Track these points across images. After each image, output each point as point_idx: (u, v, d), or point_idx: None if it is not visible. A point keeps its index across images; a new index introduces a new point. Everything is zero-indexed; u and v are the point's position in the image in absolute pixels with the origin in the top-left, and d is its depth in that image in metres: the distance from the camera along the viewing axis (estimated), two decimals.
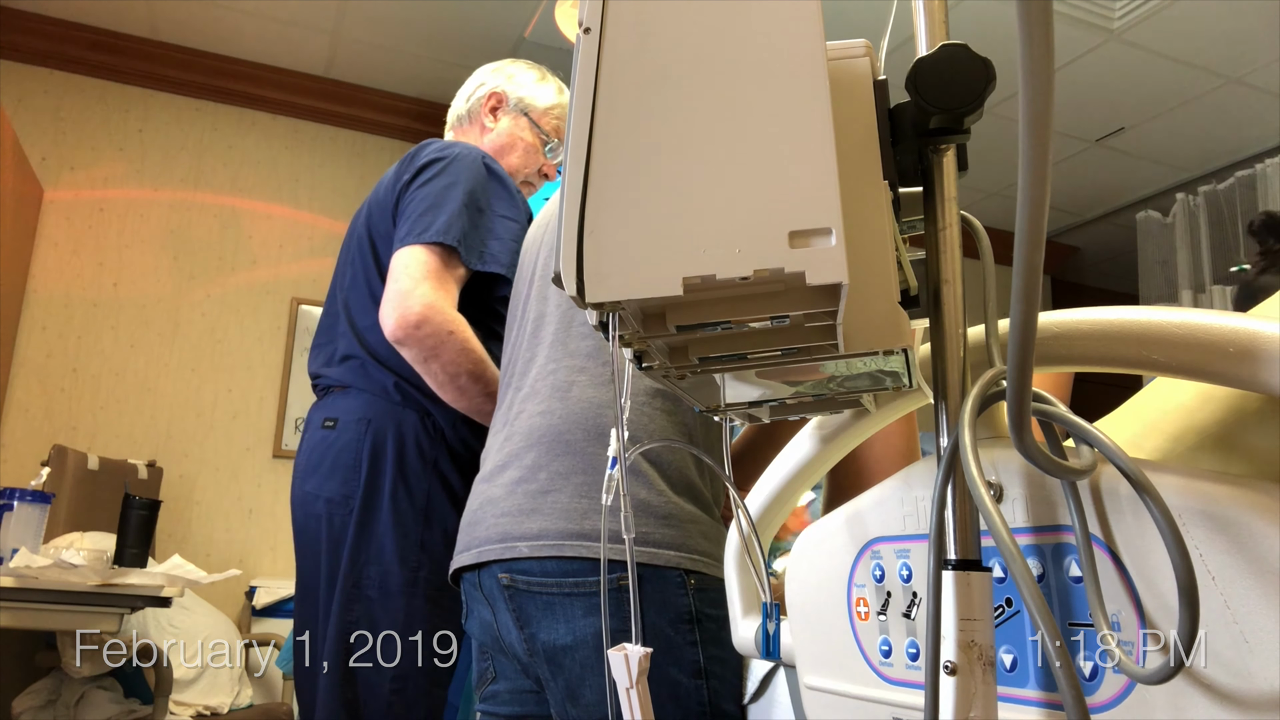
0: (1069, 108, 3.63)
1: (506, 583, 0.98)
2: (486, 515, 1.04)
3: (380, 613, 1.34)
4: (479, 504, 1.07)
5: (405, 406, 1.40)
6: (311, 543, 1.41)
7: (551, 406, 1.03)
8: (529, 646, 0.98)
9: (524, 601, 0.97)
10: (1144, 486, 0.47)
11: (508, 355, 1.18)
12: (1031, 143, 0.39)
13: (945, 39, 0.53)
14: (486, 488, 1.07)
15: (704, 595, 0.95)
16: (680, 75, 0.46)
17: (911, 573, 0.62)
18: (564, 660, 0.95)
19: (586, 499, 0.96)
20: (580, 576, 0.94)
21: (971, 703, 0.48)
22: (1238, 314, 0.48)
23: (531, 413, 1.05)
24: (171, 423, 3.34)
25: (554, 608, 0.95)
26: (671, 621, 0.94)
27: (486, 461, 1.11)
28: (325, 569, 1.39)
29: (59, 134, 3.35)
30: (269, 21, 3.30)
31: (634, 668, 0.54)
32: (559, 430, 1.01)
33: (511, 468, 1.04)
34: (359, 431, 1.39)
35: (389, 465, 1.37)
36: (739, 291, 0.46)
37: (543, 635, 0.96)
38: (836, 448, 0.75)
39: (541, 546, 0.95)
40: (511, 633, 1.00)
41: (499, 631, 1.03)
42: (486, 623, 1.05)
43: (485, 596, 1.04)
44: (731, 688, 0.97)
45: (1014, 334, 0.45)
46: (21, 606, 1.82)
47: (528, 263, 1.22)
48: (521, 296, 1.19)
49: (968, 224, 0.61)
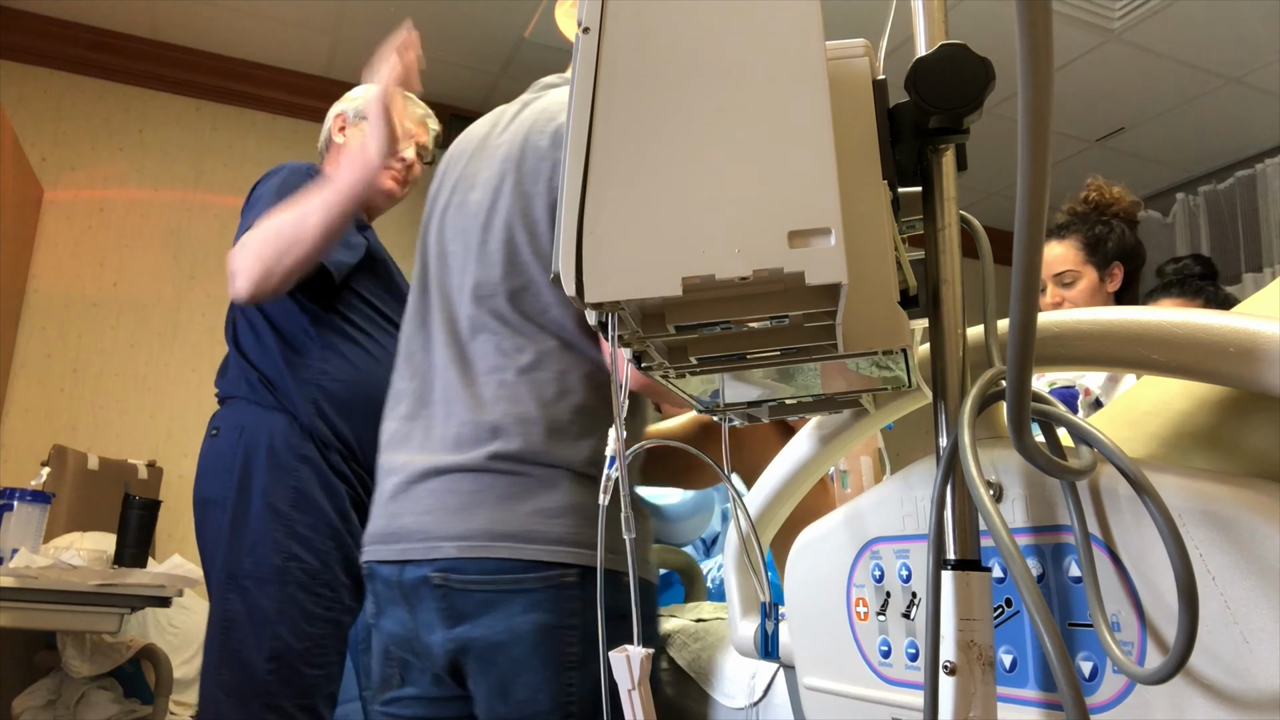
0: (1069, 108, 3.63)
1: (438, 581, 0.97)
2: (406, 510, 1.01)
3: (255, 599, 1.43)
4: (399, 497, 1.04)
5: (274, 410, 1.52)
6: (204, 542, 1.52)
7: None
8: (455, 645, 0.96)
9: (457, 599, 0.96)
10: (1143, 486, 0.47)
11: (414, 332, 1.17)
12: (1031, 143, 0.39)
13: (945, 39, 0.53)
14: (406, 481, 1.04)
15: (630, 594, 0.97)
16: (679, 75, 0.46)
17: (911, 573, 0.62)
18: (497, 656, 0.94)
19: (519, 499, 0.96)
20: (518, 574, 0.94)
21: (971, 703, 0.48)
22: (1237, 314, 0.48)
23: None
24: (171, 423, 3.34)
25: (492, 605, 0.95)
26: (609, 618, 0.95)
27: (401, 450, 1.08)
28: (207, 565, 1.50)
29: (59, 134, 3.35)
30: (269, 21, 3.30)
31: (636, 669, 0.54)
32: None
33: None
34: (235, 437, 1.51)
35: (260, 464, 1.48)
36: (738, 291, 0.46)
37: (476, 632, 0.95)
38: (836, 448, 0.75)
39: (472, 547, 0.95)
40: (434, 632, 0.98)
41: (417, 631, 1.00)
42: (401, 621, 1.02)
43: (404, 595, 1.01)
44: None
45: (1013, 334, 0.45)
46: (21, 606, 1.82)
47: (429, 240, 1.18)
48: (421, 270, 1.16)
49: (967, 224, 0.61)
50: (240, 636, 1.42)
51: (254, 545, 1.44)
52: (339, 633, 1.50)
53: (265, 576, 1.44)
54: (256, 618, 1.42)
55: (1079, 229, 2.01)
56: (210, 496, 1.50)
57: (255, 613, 1.43)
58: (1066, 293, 2.01)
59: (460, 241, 1.10)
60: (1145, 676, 0.47)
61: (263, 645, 1.42)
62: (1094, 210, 2.02)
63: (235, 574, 1.44)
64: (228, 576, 1.44)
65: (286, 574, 1.44)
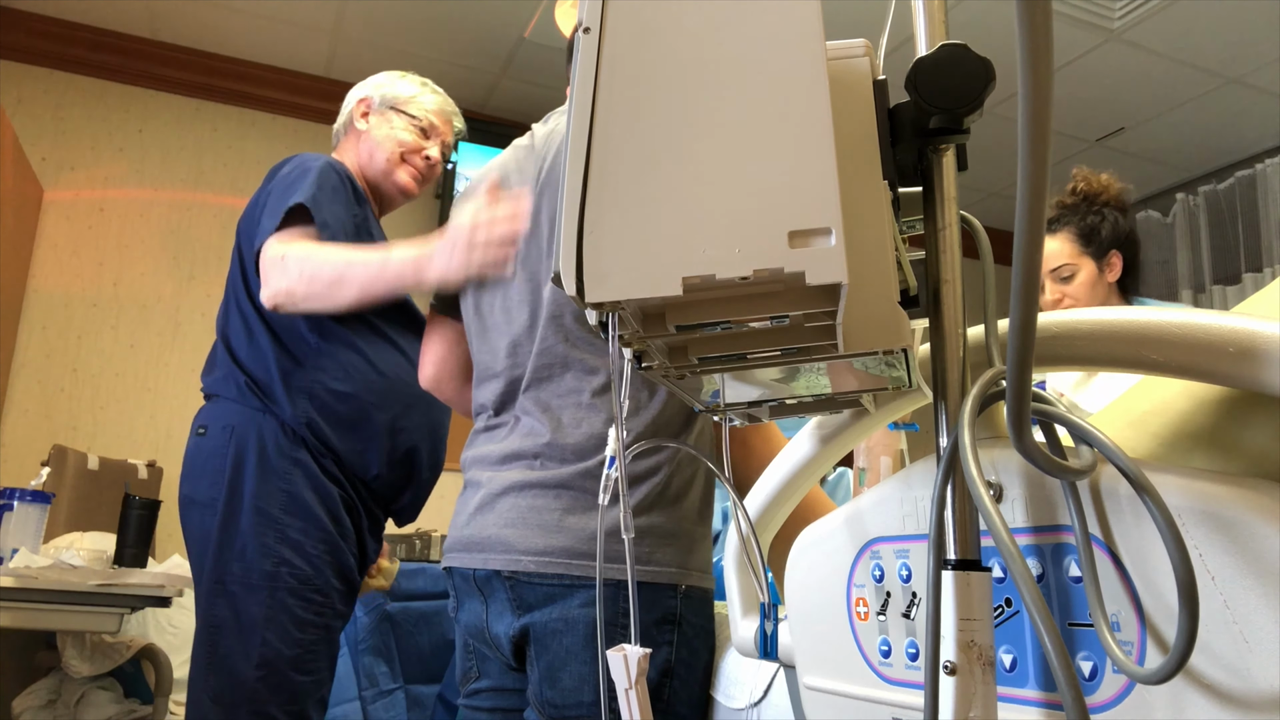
0: (1069, 108, 3.63)
1: (508, 574, 1.03)
2: (489, 521, 1.07)
3: (243, 605, 1.41)
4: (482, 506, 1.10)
5: (265, 412, 1.48)
6: (191, 544, 1.48)
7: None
8: (518, 633, 1.03)
9: (524, 591, 1.02)
10: (1144, 486, 0.47)
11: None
12: (1031, 143, 0.39)
13: (945, 39, 0.53)
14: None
15: (689, 602, 1.03)
16: (680, 75, 0.46)
17: (911, 573, 0.62)
18: (551, 643, 1.00)
19: (582, 514, 1.03)
20: (581, 573, 1.00)
21: (971, 703, 0.48)
22: (1237, 314, 0.48)
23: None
24: (171, 423, 3.34)
25: (554, 597, 1.00)
26: (656, 621, 1.00)
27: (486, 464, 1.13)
28: (194, 569, 1.46)
29: (59, 134, 3.35)
30: (269, 21, 3.30)
31: (633, 669, 0.54)
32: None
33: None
34: (225, 438, 1.47)
35: (251, 467, 1.45)
36: (739, 291, 0.46)
37: (537, 618, 1.01)
38: (836, 448, 0.75)
39: (546, 563, 1.01)
40: (503, 620, 1.05)
41: (488, 622, 1.07)
42: (476, 614, 1.09)
43: (479, 588, 1.08)
44: (691, 693, 1.03)
45: (1013, 334, 0.45)
46: (21, 606, 1.81)
47: None
48: None
49: (967, 224, 0.61)
50: (228, 643, 1.40)
51: (243, 550, 1.41)
52: (329, 638, 1.49)
53: (254, 583, 1.41)
54: (244, 624, 1.40)
55: (1070, 221, 1.96)
56: (197, 498, 1.46)
57: (243, 619, 1.40)
58: (1066, 288, 1.96)
59: (525, 266, 1.14)
60: (1145, 676, 0.47)
61: (251, 652, 1.39)
62: (1083, 201, 1.98)
63: (223, 579, 1.41)
64: (215, 582, 1.41)
65: (276, 579, 1.42)
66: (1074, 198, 1.99)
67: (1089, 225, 1.95)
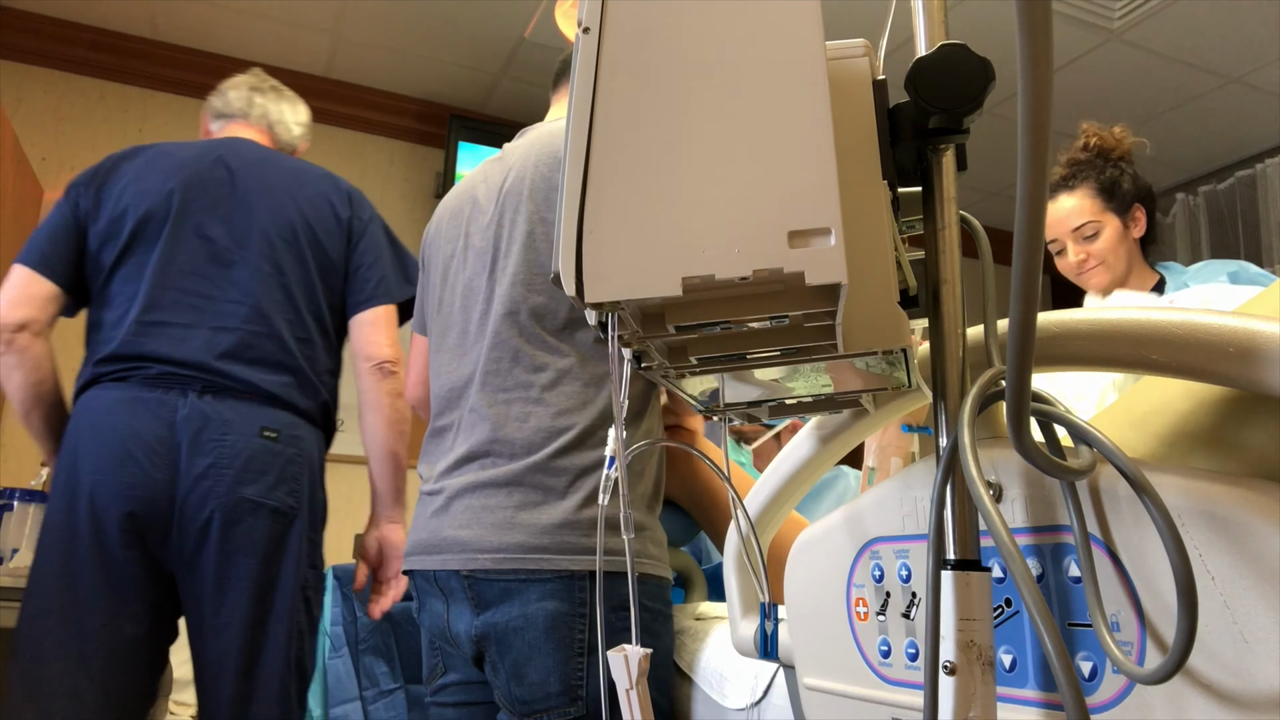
0: (1069, 108, 3.63)
1: (466, 573, 1.07)
2: (445, 524, 1.11)
3: (316, 611, 1.57)
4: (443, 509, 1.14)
5: (316, 427, 1.61)
6: (242, 544, 1.45)
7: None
8: (477, 633, 1.06)
9: (482, 589, 1.05)
10: (1143, 487, 0.47)
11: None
12: (1031, 143, 0.39)
13: (945, 39, 0.53)
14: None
15: (645, 588, 1.07)
16: (679, 75, 0.46)
17: (910, 573, 0.62)
18: (513, 640, 1.03)
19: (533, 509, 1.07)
20: (535, 566, 1.04)
21: (971, 703, 0.48)
22: (1237, 314, 0.48)
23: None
24: None
25: (511, 593, 1.03)
26: (614, 609, 1.05)
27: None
28: (255, 573, 1.46)
29: (59, 134, 3.35)
30: (269, 21, 3.30)
31: (634, 668, 0.54)
32: None
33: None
34: (299, 448, 1.54)
35: (317, 479, 1.58)
36: (738, 291, 0.46)
37: (496, 617, 1.04)
38: (836, 448, 0.75)
39: (502, 560, 1.05)
40: (462, 619, 1.08)
41: (449, 622, 1.11)
42: (437, 614, 1.13)
43: (440, 588, 1.11)
44: (656, 674, 1.08)
45: (1013, 334, 0.45)
46: None
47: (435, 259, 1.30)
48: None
49: (967, 224, 0.61)
50: (309, 646, 1.54)
51: (313, 557, 1.54)
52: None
53: (319, 588, 1.57)
54: (314, 628, 1.55)
55: (1089, 176, 1.81)
56: (274, 503, 1.48)
57: (314, 623, 1.55)
58: (1090, 247, 1.80)
59: (474, 262, 1.19)
60: (1145, 676, 0.47)
61: (314, 651, 1.56)
62: (1098, 155, 1.83)
63: (304, 587, 1.52)
64: (300, 588, 1.51)
65: (318, 588, 1.58)
66: (1086, 153, 1.85)
67: (1109, 179, 1.81)
